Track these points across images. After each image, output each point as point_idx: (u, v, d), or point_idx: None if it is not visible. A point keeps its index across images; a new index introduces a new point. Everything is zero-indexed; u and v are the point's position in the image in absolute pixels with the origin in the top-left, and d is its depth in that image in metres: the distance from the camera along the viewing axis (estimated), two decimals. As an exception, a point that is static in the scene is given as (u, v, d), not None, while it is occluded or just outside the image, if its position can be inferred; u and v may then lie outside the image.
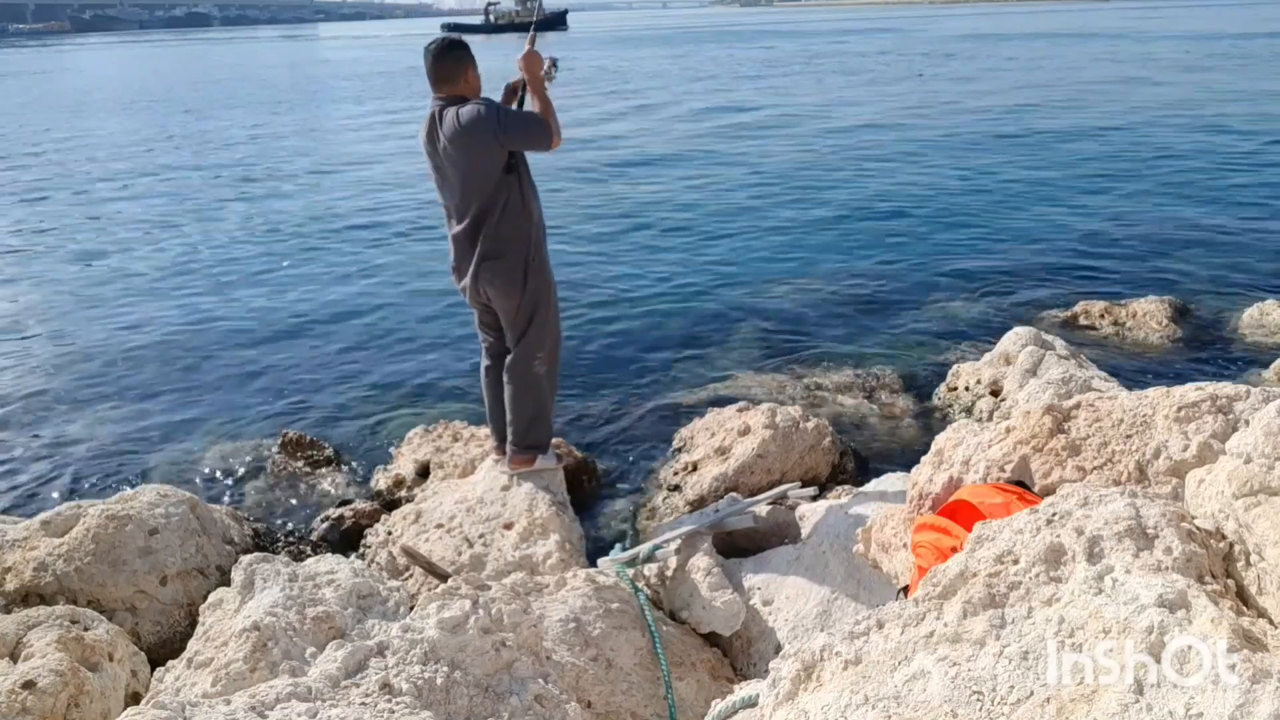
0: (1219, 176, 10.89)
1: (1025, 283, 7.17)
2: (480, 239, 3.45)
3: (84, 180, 13.99)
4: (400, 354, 6.32)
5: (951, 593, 1.75)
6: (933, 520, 2.41)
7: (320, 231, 10.18)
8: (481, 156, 3.32)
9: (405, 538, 3.62)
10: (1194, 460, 2.29)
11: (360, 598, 2.74)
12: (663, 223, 9.91)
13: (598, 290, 7.58)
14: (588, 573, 2.95)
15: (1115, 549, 1.68)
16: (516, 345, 3.66)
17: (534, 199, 3.52)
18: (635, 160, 14.04)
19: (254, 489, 4.57)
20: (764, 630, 2.92)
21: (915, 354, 5.83)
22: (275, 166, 14.78)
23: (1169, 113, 16.26)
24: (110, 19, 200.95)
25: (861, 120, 17.27)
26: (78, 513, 3.30)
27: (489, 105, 3.29)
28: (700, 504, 3.88)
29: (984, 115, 17.12)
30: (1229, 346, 5.69)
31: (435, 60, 3.36)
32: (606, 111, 20.45)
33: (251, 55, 60.82)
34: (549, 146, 3.40)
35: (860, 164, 12.86)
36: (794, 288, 7.36)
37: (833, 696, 1.63)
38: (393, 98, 26.46)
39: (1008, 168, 12.02)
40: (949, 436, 2.89)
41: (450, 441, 4.51)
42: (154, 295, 7.93)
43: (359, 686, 2.00)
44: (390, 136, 17.82)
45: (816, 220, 9.71)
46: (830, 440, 4.24)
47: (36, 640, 2.54)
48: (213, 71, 42.90)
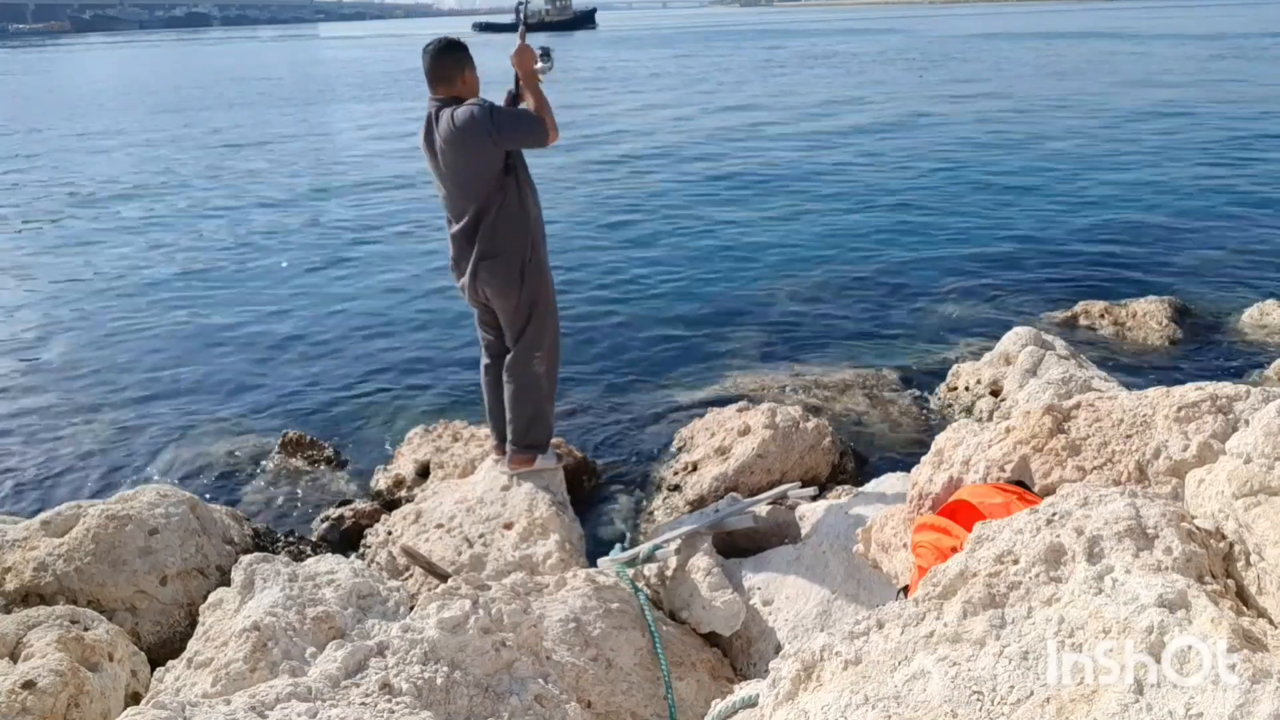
0: (1219, 176, 10.89)
1: (1025, 283, 7.17)
2: (478, 238, 3.45)
3: (84, 181, 13.99)
4: (400, 354, 6.32)
5: (951, 593, 1.75)
6: (933, 520, 2.41)
7: (320, 231, 10.18)
8: (477, 157, 3.31)
9: (405, 538, 3.62)
10: (1194, 460, 2.29)
11: (360, 598, 2.73)
12: (663, 222, 9.91)
13: (598, 290, 7.58)
14: (588, 573, 2.95)
15: (1115, 549, 1.68)
16: (515, 344, 3.66)
17: (532, 198, 3.51)
18: (636, 159, 14.04)
19: (254, 489, 4.57)
20: (764, 630, 2.92)
21: (915, 354, 5.83)
22: (275, 167, 14.78)
23: (1169, 113, 16.26)
24: (110, 19, 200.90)
25: (861, 120, 17.27)
26: (78, 513, 3.30)
27: (483, 106, 3.28)
28: (700, 504, 3.88)
29: (984, 115, 17.12)
30: (1229, 346, 5.69)
31: (433, 60, 3.35)
32: (604, 112, 20.44)
33: (251, 55, 60.81)
34: (545, 143, 3.38)
35: (860, 164, 12.86)
36: (794, 287, 7.36)
37: (833, 696, 1.63)
38: (393, 98, 26.46)
39: (1007, 168, 12.02)
40: (949, 436, 2.89)
41: (450, 441, 4.51)
42: (154, 296, 7.92)
43: (359, 686, 2.00)
44: (391, 136, 17.81)
45: (817, 220, 9.71)
46: (830, 440, 4.24)
47: (36, 640, 2.53)
48: (213, 71, 42.89)
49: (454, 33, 4.36)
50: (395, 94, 27.53)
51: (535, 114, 3.36)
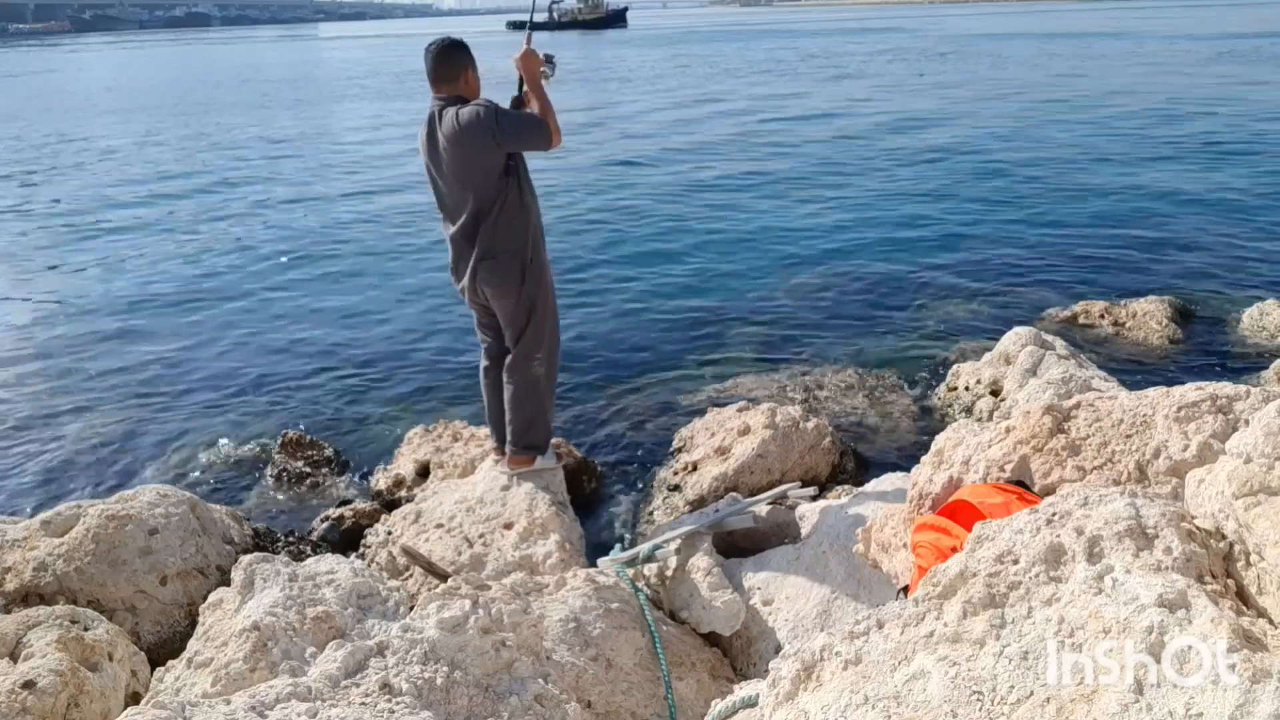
0: (1219, 176, 10.88)
1: (1025, 283, 7.17)
2: (478, 238, 3.45)
3: (84, 181, 13.99)
4: (400, 354, 6.32)
5: (951, 593, 1.75)
6: (933, 520, 2.41)
7: (320, 231, 10.18)
8: (479, 157, 3.31)
9: (405, 538, 3.62)
10: (1194, 460, 2.29)
11: (360, 598, 2.73)
12: (662, 222, 9.91)
13: (598, 290, 7.58)
14: (588, 573, 2.95)
15: (1115, 549, 1.68)
16: (515, 345, 3.66)
17: (532, 199, 3.51)
18: (635, 159, 14.04)
19: (254, 489, 4.57)
20: (764, 630, 2.92)
21: (915, 354, 5.82)
22: (276, 167, 14.79)
23: (1168, 112, 16.26)
24: (110, 19, 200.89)
25: (860, 120, 17.26)
26: (78, 513, 3.30)
27: (488, 107, 3.28)
28: (700, 504, 3.88)
29: (984, 115, 17.12)
30: (1229, 346, 5.69)
31: (436, 59, 3.36)
32: (605, 113, 20.44)
33: (251, 55, 60.80)
34: (548, 146, 3.39)
35: (859, 164, 12.86)
36: (794, 288, 7.36)
37: (833, 696, 1.63)
38: (395, 99, 26.45)
39: (1007, 168, 12.02)
40: (949, 436, 2.89)
41: (450, 441, 4.50)
42: (153, 296, 7.93)
43: (359, 686, 2.00)
44: (391, 138, 17.82)
45: (816, 220, 9.71)
46: (830, 440, 4.24)
47: (36, 640, 2.53)
48: (213, 71, 42.88)
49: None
50: (396, 95, 27.53)
51: (539, 117, 3.37)
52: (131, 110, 25.11)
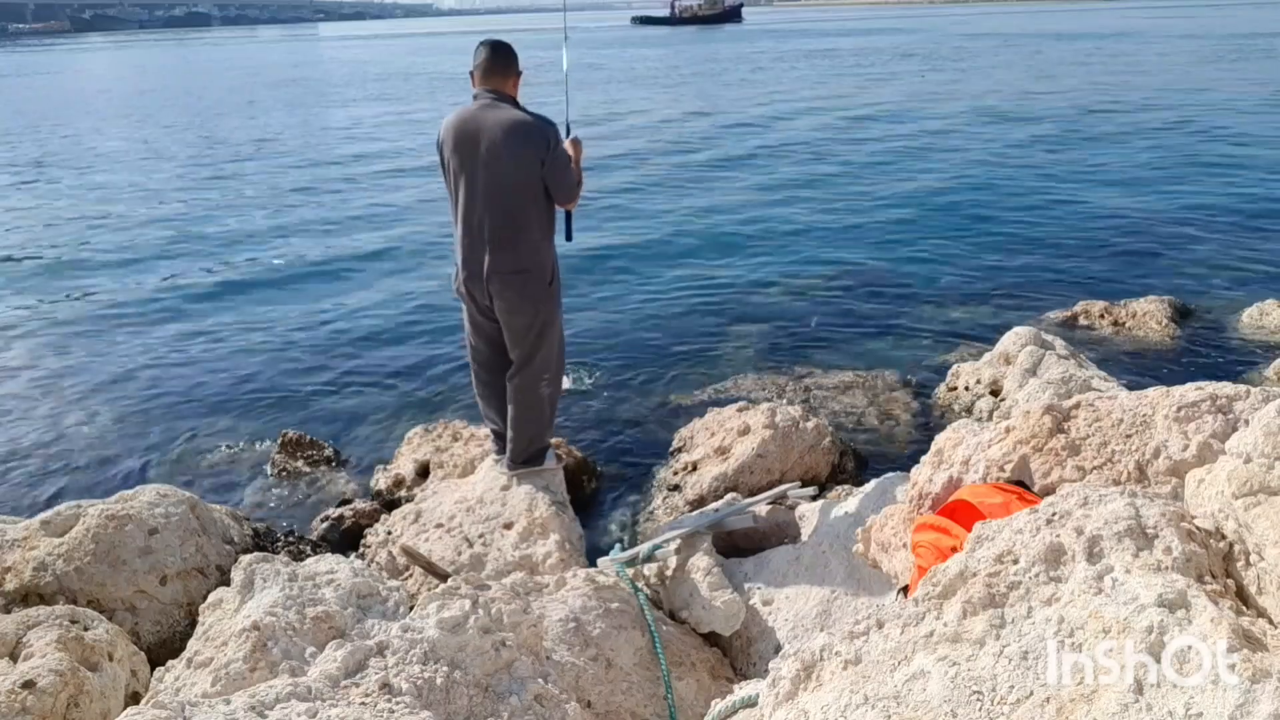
0: (1219, 176, 10.88)
1: (1025, 283, 7.17)
2: (509, 247, 3.43)
3: (84, 181, 13.99)
4: (400, 354, 6.32)
5: (951, 593, 1.75)
6: (933, 520, 2.41)
7: (320, 231, 10.18)
8: (529, 167, 3.34)
9: (405, 537, 3.62)
10: (1194, 460, 2.29)
11: (360, 597, 2.73)
12: (662, 222, 9.90)
13: (597, 291, 7.57)
14: (588, 572, 2.95)
15: (1115, 549, 1.68)
16: (524, 364, 3.65)
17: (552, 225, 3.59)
18: (636, 159, 14.04)
19: (254, 489, 4.57)
20: (764, 630, 2.92)
21: (915, 354, 5.82)
22: (276, 168, 14.78)
23: (1168, 112, 16.26)
24: (110, 19, 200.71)
25: (860, 121, 17.27)
26: (77, 513, 3.29)
27: (555, 128, 3.37)
28: (700, 504, 3.88)
29: (983, 115, 17.12)
30: (1229, 346, 5.69)
31: (494, 52, 3.41)
32: (602, 112, 20.43)
33: (251, 55, 60.79)
34: (564, 204, 3.51)
35: (859, 164, 12.86)
36: (794, 288, 7.36)
37: (832, 696, 1.63)
38: (394, 99, 26.45)
39: (1007, 168, 12.02)
40: (949, 436, 2.89)
41: (450, 441, 4.50)
42: (153, 296, 7.92)
43: (359, 686, 2.00)
44: (391, 138, 17.81)
45: (816, 220, 9.71)
46: (830, 440, 4.24)
47: (36, 640, 2.53)
48: (213, 72, 42.87)
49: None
50: (397, 95, 27.52)
51: (577, 179, 3.49)
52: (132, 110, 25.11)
